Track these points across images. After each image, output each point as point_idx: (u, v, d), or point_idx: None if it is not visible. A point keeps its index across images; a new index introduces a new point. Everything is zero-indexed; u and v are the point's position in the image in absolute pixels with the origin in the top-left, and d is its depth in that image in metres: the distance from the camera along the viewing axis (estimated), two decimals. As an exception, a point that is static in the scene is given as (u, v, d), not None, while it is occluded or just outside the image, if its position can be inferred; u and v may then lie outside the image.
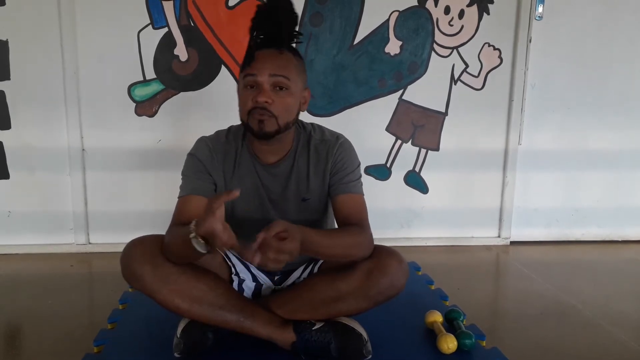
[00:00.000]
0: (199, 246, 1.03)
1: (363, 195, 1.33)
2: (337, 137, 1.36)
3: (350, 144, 1.36)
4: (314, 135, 1.35)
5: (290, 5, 1.22)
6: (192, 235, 1.02)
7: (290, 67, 1.21)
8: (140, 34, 2.17)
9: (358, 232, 1.25)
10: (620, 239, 2.64)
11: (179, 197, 1.29)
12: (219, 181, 1.31)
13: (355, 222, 1.26)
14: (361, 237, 1.24)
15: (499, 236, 2.55)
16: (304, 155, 1.33)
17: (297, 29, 1.25)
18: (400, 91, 2.36)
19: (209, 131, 1.37)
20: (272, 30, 1.20)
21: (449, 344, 1.29)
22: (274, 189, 1.33)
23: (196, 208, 1.25)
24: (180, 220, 1.24)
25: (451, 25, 2.33)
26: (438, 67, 2.35)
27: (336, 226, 1.34)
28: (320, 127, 1.39)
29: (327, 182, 1.33)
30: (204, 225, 0.97)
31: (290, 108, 1.23)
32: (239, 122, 1.37)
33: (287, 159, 1.33)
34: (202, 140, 1.34)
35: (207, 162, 1.30)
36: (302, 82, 1.26)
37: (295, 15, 1.23)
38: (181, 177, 1.32)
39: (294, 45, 1.26)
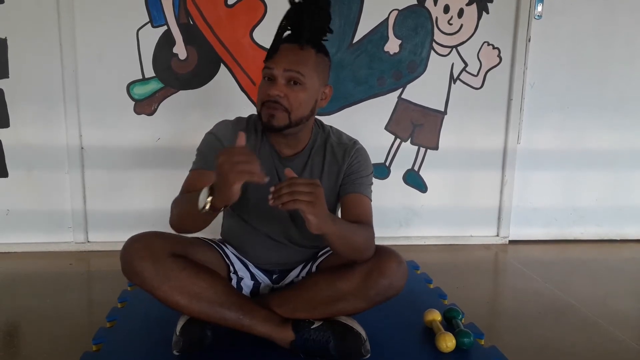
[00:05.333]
0: (203, 194, 1.05)
1: (371, 201, 1.34)
2: (355, 142, 1.37)
3: (366, 150, 1.37)
4: (332, 137, 1.36)
5: (325, 2, 1.21)
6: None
7: (307, 63, 1.21)
8: (140, 32, 2.17)
9: (371, 232, 1.25)
10: (618, 238, 2.64)
11: (190, 170, 1.29)
12: None
13: (365, 223, 1.26)
14: (372, 239, 1.25)
15: (497, 235, 2.55)
16: (320, 154, 1.34)
17: (328, 27, 1.23)
18: (400, 90, 2.36)
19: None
20: (297, 25, 1.20)
21: (448, 342, 1.30)
22: None
23: (207, 183, 1.24)
24: (188, 192, 1.24)
25: (450, 24, 2.33)
26: (437, 66, 2.35)
27: None
28: (338, 130, 1.41)
29: (339, 184, 1.33)
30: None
31: (303, 103, 1.22)
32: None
33: (302, 154, 1.33)
34: (224, 122, 1.35)
35: (228, 143, 1.28)
36: (320, 79, 1.25)
37: (326, 13, 1.22)
38: (196, 152, 1.31)
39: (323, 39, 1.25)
